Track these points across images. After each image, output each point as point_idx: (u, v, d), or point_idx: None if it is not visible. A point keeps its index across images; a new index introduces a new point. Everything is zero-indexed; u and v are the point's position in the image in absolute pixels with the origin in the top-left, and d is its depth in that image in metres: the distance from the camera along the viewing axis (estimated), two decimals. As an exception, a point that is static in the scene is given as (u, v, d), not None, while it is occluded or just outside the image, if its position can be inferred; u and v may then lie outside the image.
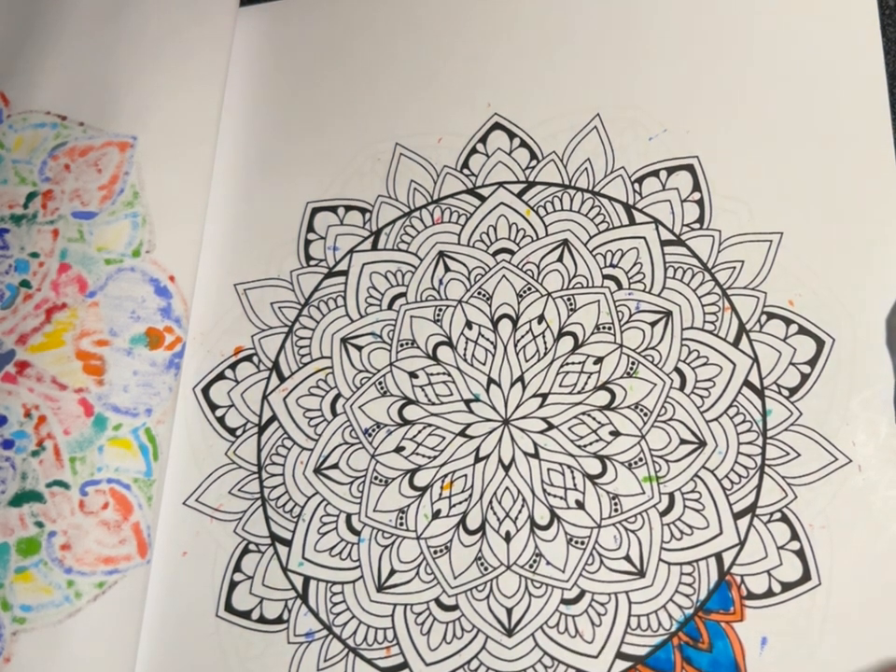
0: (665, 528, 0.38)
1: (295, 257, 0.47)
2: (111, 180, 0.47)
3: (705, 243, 0.42)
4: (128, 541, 0.42)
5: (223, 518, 0.44)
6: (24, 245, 0.47)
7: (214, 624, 0.42)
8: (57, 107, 0.50)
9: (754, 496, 0.38)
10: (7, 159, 0.49)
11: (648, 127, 0.44)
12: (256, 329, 0.46)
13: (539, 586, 0.39)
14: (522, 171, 0.45)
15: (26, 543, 0.42)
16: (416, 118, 0.48)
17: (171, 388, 0.45)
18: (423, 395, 0.43)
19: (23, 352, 0.45)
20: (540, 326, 0.43)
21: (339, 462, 0.43)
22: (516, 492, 0.41)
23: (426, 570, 0.41)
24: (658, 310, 0.41)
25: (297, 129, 0.49)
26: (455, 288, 0.44)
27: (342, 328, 0.45)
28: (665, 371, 0.40)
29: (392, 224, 0.46)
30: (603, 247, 0.43)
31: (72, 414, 0.44)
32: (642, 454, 0.40)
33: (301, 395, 0.45)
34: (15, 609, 0.41)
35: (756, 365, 0.39)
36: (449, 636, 0.39)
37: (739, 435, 0.39)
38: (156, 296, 0.46)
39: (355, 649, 0.40)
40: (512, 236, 0.44)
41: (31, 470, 0.43)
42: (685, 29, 0.45)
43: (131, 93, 0.49)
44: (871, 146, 0.40)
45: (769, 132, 0.42)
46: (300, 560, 0.42)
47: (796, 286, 0.40)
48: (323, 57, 0.50)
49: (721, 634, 0.37)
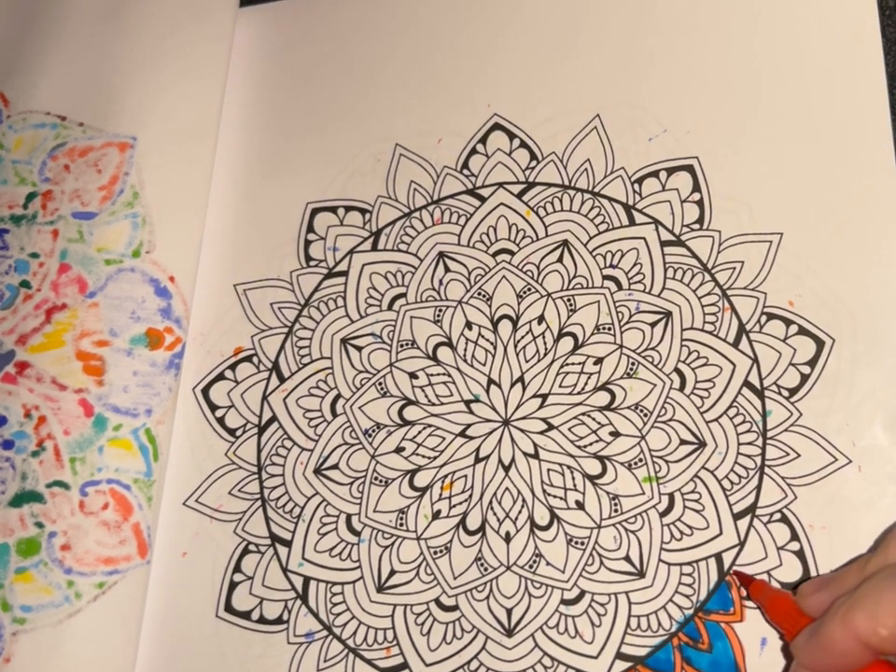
0: (664, 529, 0.38)
1: (295, 257, 0.47)
2: (111, 181, 0.47)
3: (705, 243, 0.42)
4: (128, 542, 0.42)
5: (223, 518, 0.44)
6: (24, 245, 0.47)
7: (214, 625, 0.42)
8: (57, 108, 0.50)
9: (754, 496, 0.38)
10: (7, 159, 0.49)
11: (648, 127, 0.44)
12: (256, 330, 0.46)
13: (539, 587, 0.39)
14: (522, 171, 0.45)
15: (26, 544, 0.42)
16: (416, 118, 0.48)
17: (171, 389, 0.45)
18: (423, 395, 0.43)
19: (23, 352, 0.45)
20: (540, 326, 0.43)
21: (339, 463, 0.43)
22: (516, 492, 0.41)
23: (426, 571, 0.41)
24: (658, 310, 0.41)
25: (297, 129, 0.49)
26: (455, 289, 0.44)
27: (342, 328, 0.45)
28: (665, 372, 0.40)
29: (392, 224, 0.46)
30: (603, 248, 0.43)
31: (72, 415, 0.44)
32: (642, 454, 0.40)
33: (300, 395, 0.45)
34: (15, 610, 0.41)
35: (756, 365, 0.39)
36: (449, 636, 0.39)
37: (739, 435, 0.39)
38: (156, 296, 0.46)
39: (355, 649, 0.40)
40: (512, 237, 0.44)
41: (31, 471, 0.43)
42: (685, 29, 0.45)
43: (130, 94, 0.49)
44: (871, 146, 0.40)
45: (769, 132, 0.42)
46: (300, 561, 0.42)
47: (796, 286, 0.40)
48: (323, 57, 0.50)
49: (721, 634, 0.37)
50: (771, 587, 0.35)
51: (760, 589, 0.35)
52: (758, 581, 0.36)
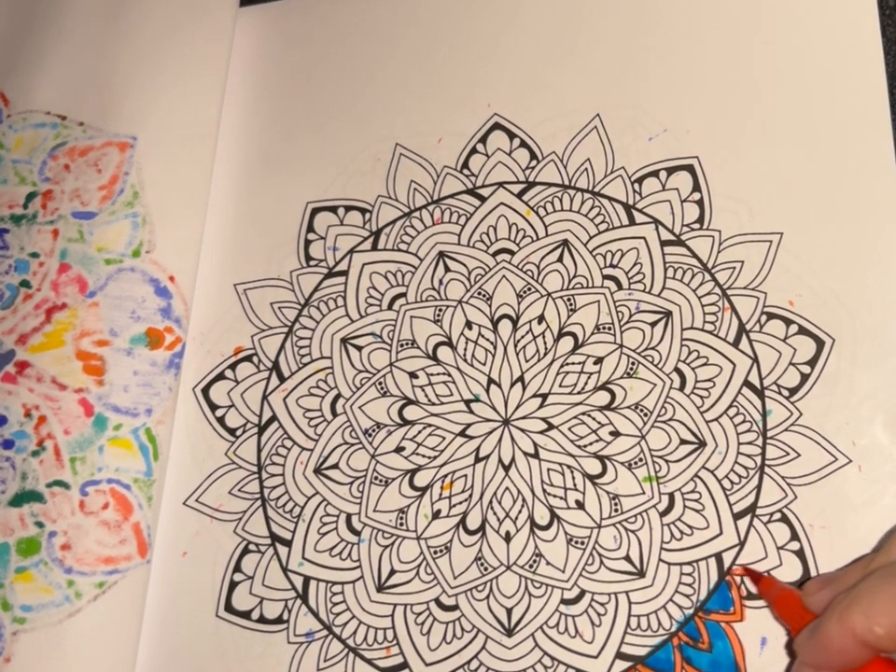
0: (664, 528, 0.38)
1: (295, 257, 0.47)
2: (111, 180, 0.47)
3: (705, 243, 0.42)
4: (128, 541, 0.42)
5: (223, 518, 0.44)
6: (24, 245, 0.47)
7: (214, 624, 0.42)
8: (57, 107, 0.50)
9: (754, 496, 0.38)
10: (7, 159, 0.49)
11: (648, 127, 0.44)
12: (256, 330, 0.46)
13: (539, 586, 0.39)
14: (522, 171, 0.45)
15: (26, 543, 0.42)
16: (416, 118, 0.48)
17: (171, 388, 0.45)
18: (423, 395, 0.43)
19: (23, 352, 0.45)
20: (540, 326, 0.43)
21: (339, 462, 0.43)
22: (516, 492, 0.41)
23: (426, 570, 0.41)
24: (658, 310, 0.41)
25: (297, 129, 0.49)
26: (455, 289, 0.44)
27: (342, 328, 0.45)
28: (665, 372, 0.40)
29: (392, 224, 0.46)
30: (603, 248, 0.43)
31: (72, 414, 0.44)
32: (642, 454, 0.40)
33: (301, 395, 0.45)
34: (15, 609, 0.41)
35: (756, 365, 0.39)
36: (449, 636, 0.39)
37: (739, 435, 0.39)
38: (156, 296, 0.46)
39: (355, 649, 0.40)
40: (512, 236, 0.44)
41: (31, 470, 0.43)
42: (685, 29, 0.45)
43: (130, 93, 0.49)
44: (871, 146, 0.40)
45: (769, 132, 0.42)
46: (300, 560, 0.42)
47: (796, 286, 0.40)
48: (323, 57, 0.50)
49: (721, 634, 0.37)
50: (779, 584, 0.35)
51: (768, 586, 0.35)
52: (767, 578, 0.36)
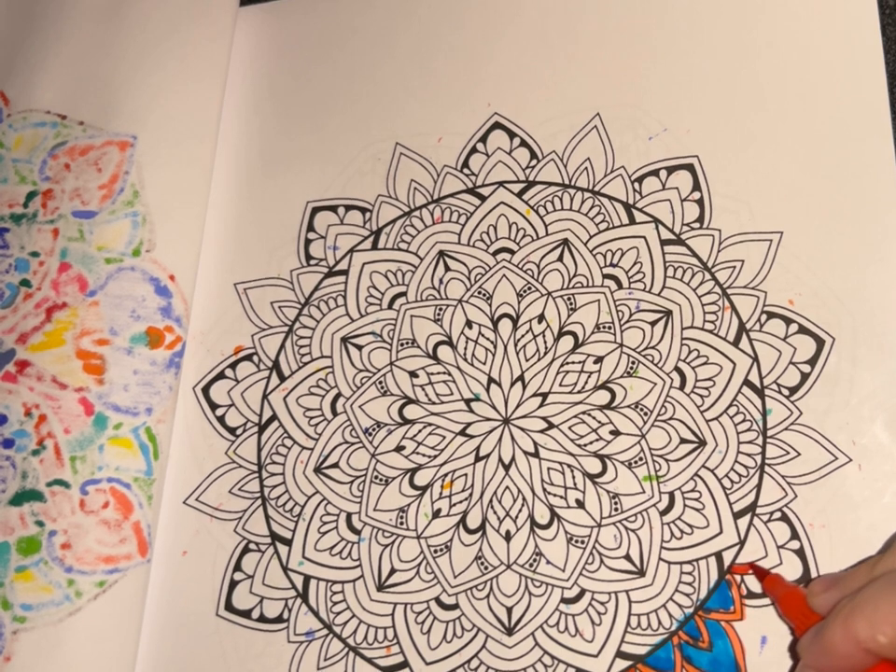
0: (665, 527, 0.38)
1: (295, 256, 0.47)
2: (111, 179, 0.47)
3: (705, 242, 0.42)
4: (128, 540, 0.42)
5: (223, 517, 0.44)
6: (24, 244, 0.47)
7: (214, 624, 0.42)
8: (57, 106, 0.50)
9: (754, 495, 0.38)
10: (7, 158, 0.49)
11: (648, 127, 0.44)
12: (256, 329, 0.46)
13: (539, 585, 0.39)
14: (522, 170, 0.45)
15: (26, 542, 0.42)
16: (416, 118, 0.48)
17: (171, 387, 0.45)
18: (423, 394, 0.43)
19: (23, 351, 0.45)
20: (541, 325, 0.43)
21: (339, 461, 0.43)
22: (516, 491, 0.41)
23: (426, 569, 0.41)
24: (658, 309, 0.41)
25: (297, 128, 0.50)
26: (456, 288, 0.44)
27: (342, 327, 0.45)
28: (665, 371, 0.40)
29: (392, 223, 0.46)
30: (603, 247, 0.43)
31: (72, 413, 0.44)
32: (642, 453, 0.40)
33: (301, 394, 0.45)
34: (15, 609, 0.41)
35: (756, 364, 0.39)
36: (449, 635, 0.39)
37: (739, 434, 0.39)
38: (156, 295, 0.46)
39: (355, 648, 0.40)
40: (512, 236, 0.44)
41: (31, 469, 0.43)
42: (685, 29, 0.45)
43: (130, 92, 0.49)
44: (871, 146, 0.40)
45: (769, 132, 0.42)
46: (300, 559, 0.42)
47: (796, 285, 0.40)
48: (323, 56, 0.51)
49: (722, 633, 0.37)
50: (785, 582, 0.35)
51: (774, 583, 0.35)
52: (772, 575, 0.36)
